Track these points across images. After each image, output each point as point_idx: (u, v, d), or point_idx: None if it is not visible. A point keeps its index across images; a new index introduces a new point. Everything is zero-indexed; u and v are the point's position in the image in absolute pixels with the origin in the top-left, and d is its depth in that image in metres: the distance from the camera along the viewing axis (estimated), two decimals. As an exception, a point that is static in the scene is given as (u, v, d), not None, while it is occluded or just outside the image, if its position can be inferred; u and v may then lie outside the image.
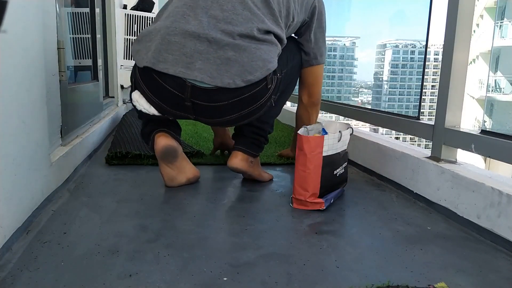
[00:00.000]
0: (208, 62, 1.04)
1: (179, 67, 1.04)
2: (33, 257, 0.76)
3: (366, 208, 1.11)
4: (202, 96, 1.07)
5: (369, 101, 55.40)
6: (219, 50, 1.04)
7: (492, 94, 15.29)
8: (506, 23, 14.92)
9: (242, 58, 1.05)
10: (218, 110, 1.11)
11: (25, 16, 0.92)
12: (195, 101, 1.08)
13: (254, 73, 1.06)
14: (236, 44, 1.05)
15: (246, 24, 1.07)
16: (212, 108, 1.10)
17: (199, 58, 1.04)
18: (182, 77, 1.05)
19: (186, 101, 1.09)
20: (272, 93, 1.14)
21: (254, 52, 1.06)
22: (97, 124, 1.81)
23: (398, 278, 0.72)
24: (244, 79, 1.05)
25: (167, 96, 1.09)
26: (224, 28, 1.06)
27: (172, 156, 1.19)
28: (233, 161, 1.25)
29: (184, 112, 1.13)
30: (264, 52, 1.08)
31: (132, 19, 2.88)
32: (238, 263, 0.76)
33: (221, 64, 1.04)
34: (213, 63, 1.04)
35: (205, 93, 1.07)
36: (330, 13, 1.34)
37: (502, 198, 0.87)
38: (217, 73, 1.04)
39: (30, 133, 0.93)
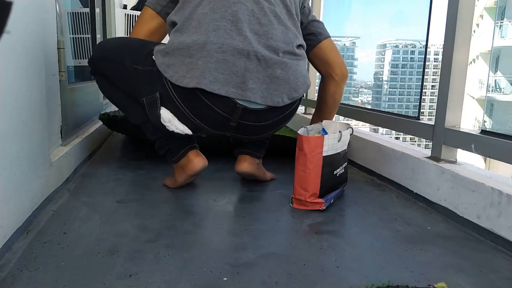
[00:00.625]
0: (259, 82, 1.01)
1: (230, 87, 0.99)
2: (33, 257, 0.76)
3: (366, 208, 1.11)
4: (251, 117, 1.04)
5: (369, 101, 55.39)
6: (268, 68, 1.01)
7: (492, 94, 15.31)
8: (506, 23, 14.93)
9: (289, 75, 1.04)
10: (262, 129, 1.10)
11: (25, 16, 0.92)
12: (241, 122, 1.05)
13: (298, 90, 1.06)
14: (283, 62, 1.03)
15: (285, 40, 1.05)
16: (257, 127, 1.08)
17: (250, 78, 1.00)
18: (233, 97, 1.00)
19: (232, 122, 1.04)
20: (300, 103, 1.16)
21: (296, 69, 1.06)
22: (97, 124, 1.81)
23: (398, 278, 0.72)
24: (290, 96, 1.05)
25: (211, 116, 1.03)
26: (268, 45, 1.02)
27: (201, 171, 1.19)
28: (243, 165, 1.23)
29: (224, 131, 1.09)
30: (303, 68, 1.09)
31: (132, 19, 2.88)
32: (238, 263, 0.76)
33: (270, 83, 1.02)
34: (263, 82, 1.01)
35: (254, 114, 1.04)
36: (330, 13, 1.34)
37: (502, 198, 0.87)
38: (267, 93, 1.02)
39: (30, 133, 0.93)
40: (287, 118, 1.13)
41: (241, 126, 1.06)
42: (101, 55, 1.19)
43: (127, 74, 1.11)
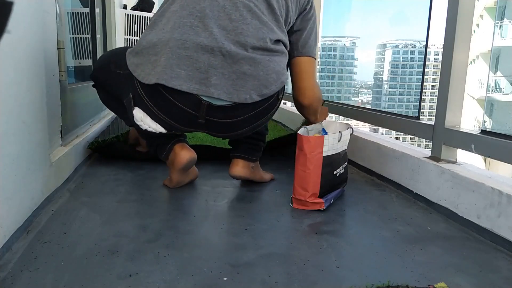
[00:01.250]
0: (224, 78, 0.99)
1: (192, 83, 0.98)
2: (33, 257, 0.76)
3: (366, 208, 1.11)
4: (217, 114, 1.03)
5: (369, 101, 55.42)
6: (234, 64, 0.99)
7: (492, 94, 15.31)
8: (506, 23, 14.93)
9: (258, 71, 1.01)
10: (232, 126, 1.08)
11: (25, 16, 0.92)
12: (209, 118, 1.04)
13: (269, 86, 1.03)
14: (251, 58, 1.00)
15: (258, 35, 1.02)
16: (227, 124, 1.06)
17: (214, 74, 0.99)
18: (196, 94, 0.99)
19: (200, 119, 1.03)
20: (280, 102, 1.13)
21: (268, 64, 1.02)
22: (97, 124, 1.81)
23: (398, 278, 0.72)
24: (260, 93, 1.02)
25: (178, 113, 1.03)
26: (237, 40, 1.00)
27: (192, 165, 1.20)
28: (235, 169, 1.23)
29: (195, 128, 1.09)
30: (277, 64, 1.05)
31: (132, 19, 2.89)
32: (238, 263, 0.76)
33: (237, 79, 1.00)
34: (229, 78, 1.00)
35: (220, 111, 1.03)
36: (330, 13, 1.34)
37: (502, 198, 0.87)
38: (233, 89, 1.00)
39: (30, 133, 0.93)
40: (263, 115, 1.09)
41: (211, 124, 1.05)
42: (97, 65, 1.25)
43: (113, 80, 1.14)
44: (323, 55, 55.25)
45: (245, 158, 1.23)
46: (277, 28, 1.08)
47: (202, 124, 1.06)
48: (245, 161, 1.23)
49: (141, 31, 2.74)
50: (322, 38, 4.83)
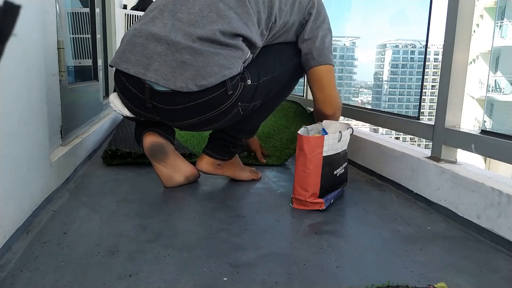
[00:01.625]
0: (165, 64, 1.03)
1: (139, 68, 1.05)
2: (33, 257, 0.76)
3: (366, 208, 1.11)
4: (159, 99, 1.07)
5: (369, 101, 55.42)
6: (176, 52, 1.03)
7: (492, 94, 15.31)
8: (506, 23, 14.93)
9: (197, 62, 1.02)
10: (176, 114, 1.10)
11: (25, 16, 0.92)
12: (154, 103, 1.08)
13: (208, 78, 1.02)
14: (193, 48, 1.02)
15: (209, 27, 1.04)
16: (170, 111, 1.09)
17: (157, 60, 1.04)
18: (140, 77, 1.05)
19: (147, 103, 1.08)
20: (237, 100, 1.09)
21: (211, 56, 1.03)
22: (97, 124, 1.81)
23: (398, 278, 0.72)
24: (197, 83, 1.02)
25: (131, 96, 1.11)
26: (187, 31, 1.04)
27: (161, 153, 1.19)
28: (199, 163, 1.27)
29: (150, 113, 1.12)
30: (223, 58, 1.04)
31: (132, 19, 2.89)
32: (238, 263, 0.76)
33: (177, 67, 1.03)
34: (169, 66, 1.03)
35: (161, 96, 1.06)
36: (330, 13, 1.34)
37: (502, 198, 0.87)
38: (172, 76, 1.03)
39: (30, 133, 0.93)
40: (210, 109, 1.08)
41: (158, 109, 1.09)
42: None
43: None
44: (323, 55, 54.84)
45: (208, 155, 1.26)
46: (242, 22, 1.08)
47: (151, 109, 1.10)
48: (209, 157, 1.25)
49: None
50: (322, 38, 4.88)
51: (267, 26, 1.15)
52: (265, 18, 1.13)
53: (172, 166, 1.22)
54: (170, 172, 1.22)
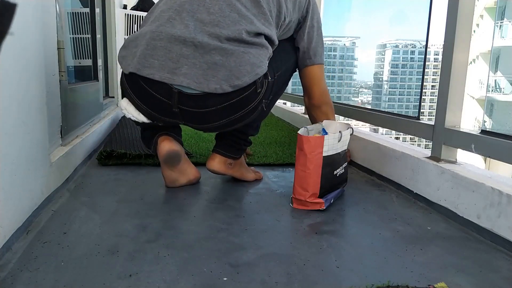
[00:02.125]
0: (195, 67, 1.01)
1: (165, 72, 1.02)
2: (33, 257, 0.76)
3: (366, 208, 1.11)
4: (189, 103, 1.05)
5: (369, 101, 55.43)
6: (205, 54, 1.01)
7: (492, 94, 15.31)
8: (506, 23, 14.93)
9: (229, 62, 1.01)
10: (206, 116, 1.08)
11: (25, 16, 0.92)
12: (182, 108, 1.06)
13: (241, 78, 1.02)
14: (223, 48, 1.01)
15: (234, 27, 1.04)
16: (200, 114, 1.07)
17: (185, 63, 1.01)
18: (168, 82, 1.02)
19: (174, 108, 1.06)
20: (263, 97, 1.10)
21: (242, 56, 1.02)
22: (97, 124, 1.81)
23: (398, 278, 0.72)
24: (232, 84, 1.01)
25: (154, 102, 1.07)
26: (211, 32, 1.02)
27: (176, 160, 1.19)
28: (210, 163, 1.25)
29: (173, 118, 1.11)
30: (252, 56, 1.04)
31: (132, 19, 2.88)
32: (238, 263, 0.76)
33: (208, 69, 1.01)
34: (200, 68, 1.01)
35: (192, 100, 1.04)
36: (330, 13, 1.35)
37: (502, 198, 0.87)
38: (204, 79, 1.01)
39: (30, 133, 0.93)
40: (239, 108, 1.07)
41: (185, 113, 1.08)
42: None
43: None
44: (323, 55, 54.86)
45: (221, 154, 1.24)
46: (261, 22, 1.10)
47: (177, 114, 1.08)
48: (221, 157, 1.24)
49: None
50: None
51: (278, 24, 1.18)
52: (275, 17, 1.17)
53: (180, 171, 1.22)
54: (176, 175, 1.22)
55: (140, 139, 1.72)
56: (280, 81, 1.23)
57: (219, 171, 1.26)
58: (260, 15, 1.10)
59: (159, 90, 1.04)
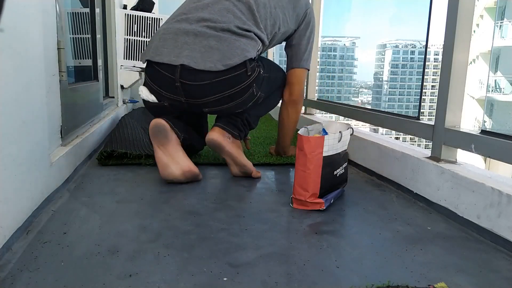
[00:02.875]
0: (194, 51, 1.24)
1: (171, 56, 1.25)
2: (33, 257, 0.76)
3: (366, 208, 1.11)
4: (188, 76, 1.24)
5: (369, 101, 55.41)
6: (203, 40, 1.24)
7: (492, 94, 15.32)
8: (506, 23, 14.93)
9: (223, 46, 1.23)
10: (202, 89, 1.26)
11: (25, 16, 0.92)
12: (182, 81, 1.25)
13: (232, 58, 1.23)
14: (218, 35, 1.24)
15: (228, 23, 1.27)
16: (197, 86, 1.25)
17: (187, 48, 1.24)
18: (173, 64, 1.24)
19: (176, 82, 1.25)
20: (253, 82, 1.29)
21: (233, 43, 1.25)
22: (97, 124, 1.81)
23: (398, 278, 0.72)
24: (224, 63, 1.22)
25: (162, 80, 1.28)
26: (209, 24, 1.26)
27: (162, 135, 1.26)
28: (210, 133, 1.32)
29: (176, 94, 1.29)
30: (242, 44, 1.26)
31: (132, 19, 2.88)
32: (238, 263, 0.76)
33: (205, 51, 1.23)
34: (198, 51, 1.23)
35: (191, 74, 1.24)
36: (330, 13, 1.36)
37: (502, 198, 0.87)
38: (201, 59, 1.22)
39: (30, 133, 0.93)
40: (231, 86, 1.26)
41: (185, 86, 1.26)
42: None
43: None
44: (323, 55, 55.26)
45: (221, 127, 1.34)
46: (251, 24, 1.31)
47: (179, 88, 1.27)
48: (220, 129, 1.34)
49: (141, 31, 2.74)
50: (322, 38, 4.86)
51: (271, 32, 1.38)
52: (270, 26, 1.37)
53: (171, 156, 1.26)
54: (168, 161, 1.24)
55: (140, 139, 1.73)
56: (271, 84, 1.42)
57: (217, 140, 1.31)
58: (252, 21, 1.32)
59: (166, 69, 1.26)
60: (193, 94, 1.27)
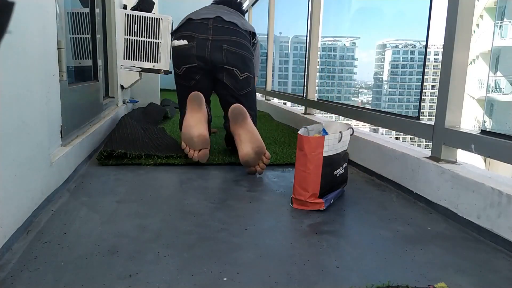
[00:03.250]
0: (224, 14, 1.70)
1: (208, 15, 1.68)
2: (33, 257, 0.76)
3: (366, 208, 1.11)
4: (219, 23, 1.66)
5: (369, 101, 55.41)
6: (230, 14, 1.74)
7: (492, 94, 15.31)
8: (506, 23, 14.93)
9: (241, 19, 1.76)
10: (226, 30, 1.66)
11: (25, 16, 0.92)
12: (214, 25, 1.65)
13: (248, 28, 1.75)
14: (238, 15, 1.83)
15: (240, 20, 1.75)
16: (223, 28, 1.66)
17: (218, 12, 1.71)
18: (209, 16, 1.67)
19: (210, 25, 1.65)
20: (251, 46, 1.75)
21: (246, 22, 1.80)
22: (97, 124, 1.81)
23: (398, 278, 0.72)
24: (242, 27, 1.71)
25: (197, 26, 1.66)
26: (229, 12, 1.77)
27: (197, 103, 1.54)
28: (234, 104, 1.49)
29: (207, 34, 1.65)
30: (249, 26, 1.80)
31: (132, 19, 2.88)
32: (238, 263, 0.76)
33: (231, 14, 1.74)
34: (227, 14, 1.71)
35: (221, 22, 1.67)
36: (330, 13, 1.35)
37: (502, 198, 0.87)
38: (228, 17, 1.69)
39: (30, 133, 0.93)
40: (242, 37, 1.69)
41: (215, 28, 1.65)
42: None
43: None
44: (323, 55, 55.23)
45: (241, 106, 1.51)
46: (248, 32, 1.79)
47: (210, 29, 1.65)
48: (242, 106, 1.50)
49: (141, 31, 2.74)
50: (322, 38, 4.87)
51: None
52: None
53: (196, 121, 1.49)
54: (192, 123, 1.48)
55: (139, 140, 1.73)
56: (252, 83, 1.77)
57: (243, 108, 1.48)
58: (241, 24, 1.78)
59: (202, 21, 1.67)
60: (219, 33, 1.65)
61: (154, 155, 1.54)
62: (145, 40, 2.70)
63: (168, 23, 2.80)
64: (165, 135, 2.02)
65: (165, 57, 2.74)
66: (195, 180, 1.32)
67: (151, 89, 3.42)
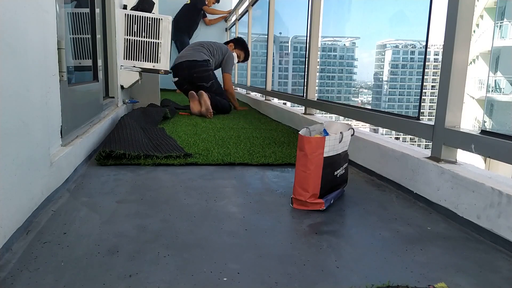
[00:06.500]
0: (190, 56, 3.34)
1: (181, 59, 3.34)
2: (33, 257, 0.76)
3: (366, 208, 1.11)
4: (188, 62, 3.30)
5: (369, 101, 55.35)
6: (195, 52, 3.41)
7: (492, 94, 15.31)
8: (506, 23, 14.93)
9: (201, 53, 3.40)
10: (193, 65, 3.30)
11: (25, 16, 0.92)
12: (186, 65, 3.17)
13: (204, 57, 3.35)
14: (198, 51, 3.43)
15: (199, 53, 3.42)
16: (191, 64, 3.29)
17: (188, 56, 3.36)
18: (181, 61, 3.29)
19: (184, 65, 3.29)
20: (210, 68, 3.38)
21: (203, 55, 3.33)
22: (97, 124, 1.81)
23: (398, 278, 0.72)
24: (200, 59, 3.31)
25: (179, 67, 3.33)
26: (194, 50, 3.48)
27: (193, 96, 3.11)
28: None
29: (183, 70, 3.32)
30: (204, 55, 3.38)
31: (132, 19, 2.88)
32: (238, 263, 0.76)
33: (195, 53, 3.38)
34: (191, 56, 3.35)
35: (188, 61, 3.30)
36: (330, 13, 1.35)
37: (502, 198, 0.87)
38: (192, 57, 3.34)
39: (30, 133, 0.93)
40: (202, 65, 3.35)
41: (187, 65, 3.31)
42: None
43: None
44: (323, 55, 55.20)
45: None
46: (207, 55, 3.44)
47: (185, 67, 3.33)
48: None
49: (141, 31, 2.75)
50: (322, 39, 4.93)
51: (213, 60, 3.49)
52: (211, 57, 3.47)
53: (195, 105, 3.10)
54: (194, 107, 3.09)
55: (139, 140, 1.73)
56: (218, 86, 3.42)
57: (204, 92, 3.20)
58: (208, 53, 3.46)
59: (179, 63, 3.34)
60: (190, 67, 3.19)
61: (154, 155, 1.54)
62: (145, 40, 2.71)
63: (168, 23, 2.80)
64: (165, 135, 2.02)
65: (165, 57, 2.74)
66: (195, 180, 1.32)
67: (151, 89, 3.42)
